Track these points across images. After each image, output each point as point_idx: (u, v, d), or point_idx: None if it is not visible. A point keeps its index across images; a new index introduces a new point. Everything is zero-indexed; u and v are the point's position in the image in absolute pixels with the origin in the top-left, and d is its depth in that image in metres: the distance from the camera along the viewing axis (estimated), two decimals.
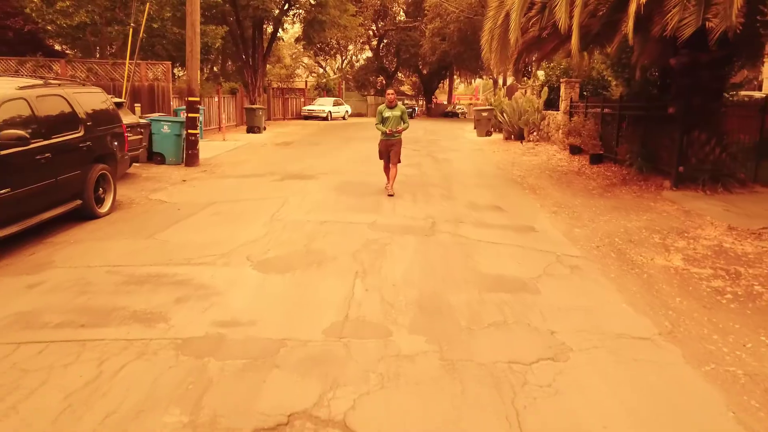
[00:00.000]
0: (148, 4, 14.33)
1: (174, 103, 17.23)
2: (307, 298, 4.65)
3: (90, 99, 7.43)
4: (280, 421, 2.92)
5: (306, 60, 52.90)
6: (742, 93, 15.14)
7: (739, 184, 9.63)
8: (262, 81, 27.21)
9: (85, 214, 7.14)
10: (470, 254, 6.06)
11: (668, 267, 5.75)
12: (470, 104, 54.47)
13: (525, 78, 24.56)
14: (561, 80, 17.01)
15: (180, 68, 23.88)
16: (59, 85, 7.04)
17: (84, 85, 8.12)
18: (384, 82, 50.86)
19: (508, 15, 9.12)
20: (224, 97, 22.83)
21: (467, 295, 4.83)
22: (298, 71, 51.41)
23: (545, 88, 18.74)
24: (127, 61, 13.75)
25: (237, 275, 5.15)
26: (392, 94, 9.12)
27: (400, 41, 45.53)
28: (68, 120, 6.77)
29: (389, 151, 9.00)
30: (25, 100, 6.07)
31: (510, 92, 25.79)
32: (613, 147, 12.68)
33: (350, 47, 49.71)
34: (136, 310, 4.31)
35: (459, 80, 60.85)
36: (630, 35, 7.38)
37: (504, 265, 5.74)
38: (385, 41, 48.31)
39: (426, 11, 39.53)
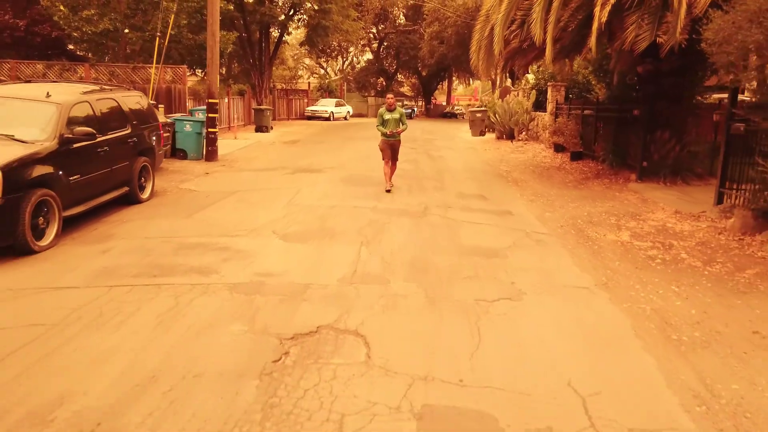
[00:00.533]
0: (173, 15, 15.53)
1: (189, 104, 18.46)
2: (323, 259, 5.89)
3: (133, 101, 8.67)
4: (311, 329, 4.16)
5: (307, 61, 54.08)
6: (716, 96, 16.37)
7: (696, 177, 10.88)
8: (268, 83, 28.45)
9: (131, 200, 8.37)
10: (455, 231, 7.30)
11: (616, 241, 6.99)
12: (468, 105, 55.60)
13: (518, 81, 25.79)
14: (548, 84, 18.25)
15: (190, 71, 25.11)
16: (111, 90, 8.28)
17: (128, 89, 9.34)
18: (384, 83, 52.12)
19: (492, 29, 10.37)
20: (233, 98, 24.06)
21: (449, 258, 6.07)
22: (300, 72, 52.58)
23: (533, 91, 19.99)
24: (154, 66, 14.95)
25: (267, 243, 6.39)
26: (392, 98, 10.24)
27: (399, 44, 46.80)
28: (119, 119, 8.00)
29: (389, 151, 9.98)
30: (88, 102, 7.31)
31: (503, 94, 27.01)
32: (591, 145, 13.92)
33: (351, 49, 50.89)
34: (193, 266, 5.55)
35: (457, 81, 62.14)
36: (593, 49, 8.63)
37: (482, 238, 6.98)
38: (385, 44, 49.58)
39: (425, 16, 40.79)
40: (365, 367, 3.66)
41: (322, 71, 54.93)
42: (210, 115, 13.06)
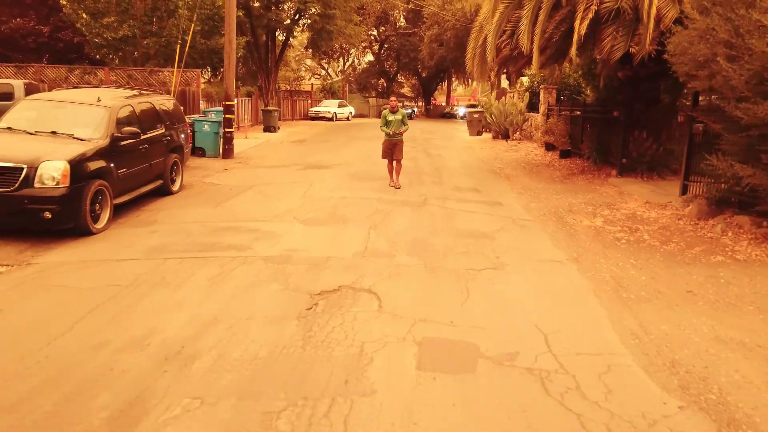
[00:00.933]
0: (192, 24, 16.55)
1: (202, 105, 19.48)
2: (339, 239, 6.92)
3: (165, 104, 9.69)
4: (334, 288, 5.19)
5: (308, 62, 55.04)
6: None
7: (671, 173, 11.89)
8: (274, 84, 29.47)
9: (163, 191, 9.37)
10: (451, 218, 8.33)
11: (590, 226, 8.02)
12: (467, 105, 56.52)
13: (513, 84, 26.78)
14: (540, 86, 19.26)
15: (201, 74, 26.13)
16: (147, 94, 9.30)
17: (161, 94, 10.36)
18: (385, 84, 53.16)
19: (486, 38, 11.38)
20: (242, 100, 25.07)
21: (445, 239, 7.10)
22: (301, 72, 53.52)
23: (527, 93, 21.00)
24: (175, 69, 15.97)
25: (289, 227, 7.42)
26: (394, 100, 11.12)
27: (400, 46, 47.84)
28: (155, 120, 9.02)
29: (393, 150, 10.75)
30: (131, 106, 8.33)
31: (500, 96, 28.03)
32: (578, 144, 14.93)
33: (352, 51, 51.86)
34: (230, 244, 6.58)
35: (457, 82, 63.15)
36: (574, 58, 9.66)
37: (474, 224, 8.01)
38: (386, 46, 50.62)
39: (425, 19, 41.82)
40: (378, 313, 4.69)
41: (323, 72, 55.95)
42: (227, 116, 14.09)
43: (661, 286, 5.56)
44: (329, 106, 36.23)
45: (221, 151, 14.27)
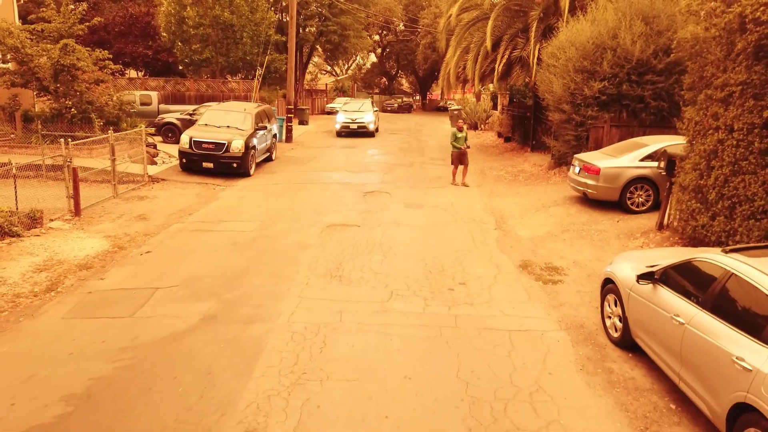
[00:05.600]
0: (267, 57, 23.34)
1: None
2: (369, 177, 13.90)
3: (268, 110, 16.59)
4: (372, 191, 12.20)
5: (316, 59, 61.37)
6: None
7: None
8: (302, 87, 36.23)
9: (269, 159, 16.30)
10: (426, 171, 15.29)
11: (496, 174, 14.97)
12: (462, 99, 62.87)
13: (485, 87, 33.52)
14: (498, 92, 26.06)
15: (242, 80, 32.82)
16: (260, 105, 16.22)
17: (265, 104, 17.25)
18: (387, 82, 59.75)
19: (449, 70, 18.23)
20: (280, 100, 31.82)
21: (420, 179, 14.06)
22: (310, 68, 59.78)
23: (489, 96, 27.80)
24: (256, 81, 22.82)
25: (344, 173, 14.39)
26: (462, 122, 16.60)
27: (399, 50, 54.38)
28: (265, 118, 15.92)
29: (460, 158, 13.30)
30: (258, 111, 15.24)
31: (478, 96, 34.77)
32: (515, 133, 21.79)
33: (357, 54, 58.20)
34: (318, 179, 13.55)
35: None
36: (496, 84, 16.50)
37: (437, 173, 14.95)
38: (387, 50, 57.13)
39: (419, 30, 48.36)
40: (390, 198, 11.69)
41: (329, 68, 62.40)
42: (288, 115, 20.97)
43: (508, 192, 12.55)
44: (341, 104, 42.86)
45: (285, 137, 21.15)
